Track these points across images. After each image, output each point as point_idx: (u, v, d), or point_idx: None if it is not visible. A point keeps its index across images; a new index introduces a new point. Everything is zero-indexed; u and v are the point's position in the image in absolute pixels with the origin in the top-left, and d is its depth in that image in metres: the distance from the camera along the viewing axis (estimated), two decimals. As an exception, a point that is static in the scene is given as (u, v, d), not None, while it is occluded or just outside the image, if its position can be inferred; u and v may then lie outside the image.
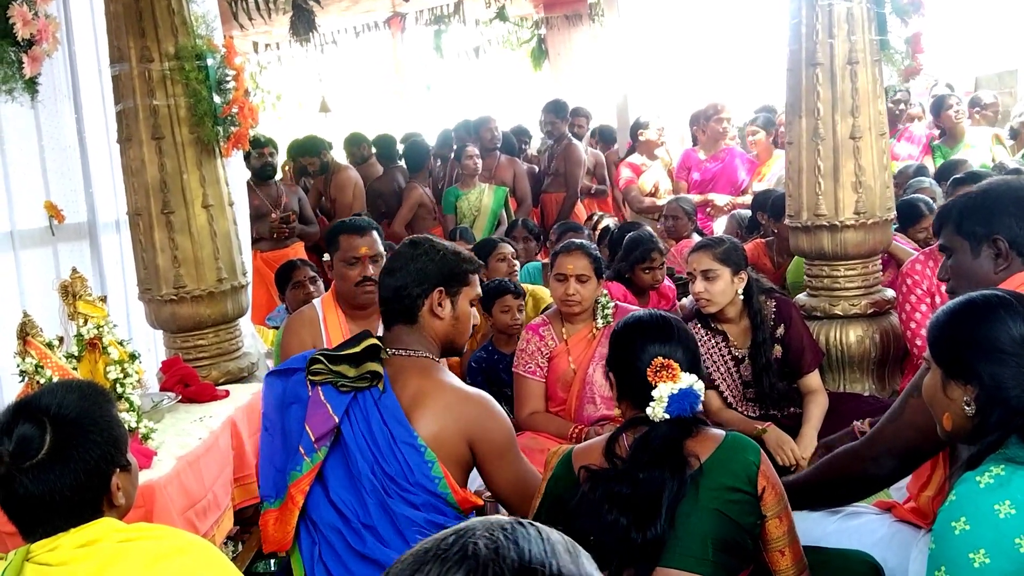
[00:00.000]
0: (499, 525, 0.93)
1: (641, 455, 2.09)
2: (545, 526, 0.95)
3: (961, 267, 2.38)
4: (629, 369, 2.20)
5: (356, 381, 2.38)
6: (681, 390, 2.12)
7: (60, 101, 4.14)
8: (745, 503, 2.06)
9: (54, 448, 1.76)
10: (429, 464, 2.32)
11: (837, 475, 2.49)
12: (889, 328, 4.20)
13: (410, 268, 2.49)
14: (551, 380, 3.78)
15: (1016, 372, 1.73)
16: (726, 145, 7.08)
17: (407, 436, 2.33)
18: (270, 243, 6.44)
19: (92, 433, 1.80)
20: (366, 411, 2.37)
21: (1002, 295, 1.84)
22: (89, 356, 2.85)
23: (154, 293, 3.88)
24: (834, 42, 4.03)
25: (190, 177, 3.83)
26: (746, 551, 2.08)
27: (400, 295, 2.48)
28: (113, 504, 1.84)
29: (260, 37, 10.52)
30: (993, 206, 2.34)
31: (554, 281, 3.78)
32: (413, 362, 2.47)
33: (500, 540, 0.90)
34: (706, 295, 3.66)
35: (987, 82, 10.19)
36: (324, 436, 2.37)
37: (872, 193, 4.09)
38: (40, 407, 1.80)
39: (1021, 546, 1.57)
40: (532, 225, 6.35)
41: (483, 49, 12.13)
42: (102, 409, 1.86)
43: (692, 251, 3.82)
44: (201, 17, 3.91)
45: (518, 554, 0.89)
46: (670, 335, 2.21)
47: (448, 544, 0.90)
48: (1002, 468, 1.64)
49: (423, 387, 2.40)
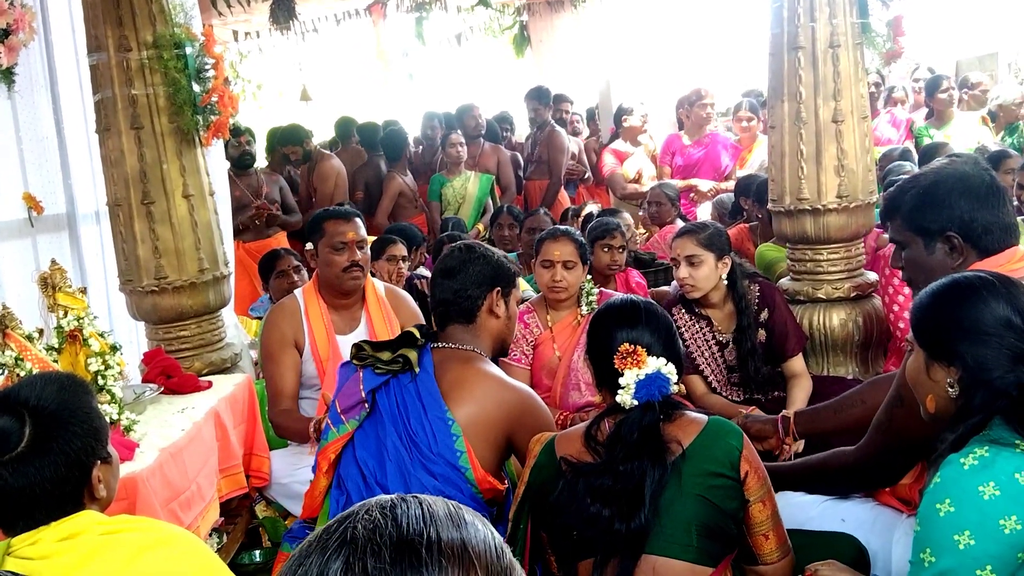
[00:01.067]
0: (379, 504, 0.93)
1: (618, 446, 2.09)
2: (434, 498, 0.95)
3: (916, 261, 2.33)
4: (600, 356, 2.22)
5: (390, 364, 2.51)
6: (648, 375, 2.12)
7: (37, 91, 4.10)
8: (728, 488, 2.06)
9: (34, 441, 1.74)
10: (454, 437, 2.41)
11: (828, 479, 2.50)
12: (872, 311, 4.21)
13: (469, 271, 2.62)
14: (536, 367, 3.79)
15: (999, 353, 1.73)
16: (710, 130, 7.08)
17: (438, 411, 2.44)
18: (253, 233, 6.41)
19: (72, 425, 1.78)
20: (402, 388, 2.51)
21: (985, 276, 1.83)
22: (69, 348, 2.84)
23: (135, 284, 3.85)
24: (816, 25, 4.02)
25: (170, 167, 3.80)
26: (730, 536, 2.08)
27: (460, 296, 2.61)
28: (94, 497, 1.83)
29: (240, 25, 10.42)
30: (943, 199, 2.26)
31: (540, 268, 3.78)
32: (459, 353, 2.59)
33: (378, 519, 0.90)
34: (690, 280, 3.67)
35: (968, 65, 10.22)
36: (351, 408, 2.53)
37: (855, 176, 4.09)
38: (19, 399, 1.78)
39: (1006, 527, 1.58)
40: (517, 212, 6.33)
41: (465, 36, 12.06)
42: (81, 401, 1.84)
43: (676, 236, 3.82)
44: (179, 5, 3.87)
45: (396, 529, 0.89)
46: (636, 319, 2.21)
47: (330, 532, 0.90)
48: (986, 450, 1.64)
49: (464, 373, 2.52)
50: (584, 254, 3.79)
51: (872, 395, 2.64)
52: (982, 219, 2.22)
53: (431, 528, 0.89)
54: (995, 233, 2.23)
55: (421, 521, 0.90)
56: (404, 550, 0.87)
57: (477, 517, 0.95)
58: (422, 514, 0.91)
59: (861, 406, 2.66)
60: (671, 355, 2.18)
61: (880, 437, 2.28)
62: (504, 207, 6.47)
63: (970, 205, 2.24)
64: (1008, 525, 1.58)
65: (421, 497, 0.95)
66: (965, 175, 2.30)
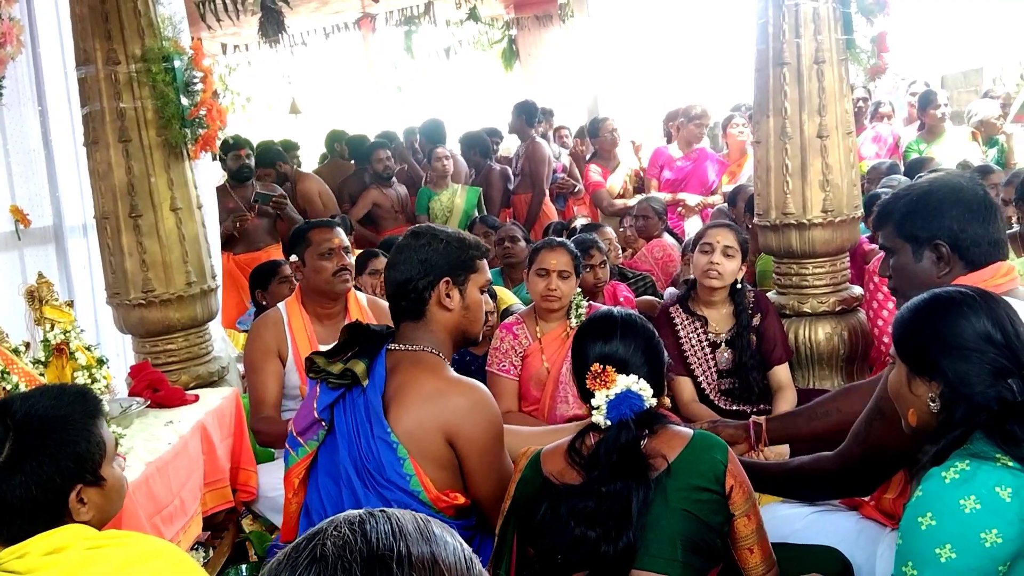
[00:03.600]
0: (348, 520, 0.93)
1: (598, 467, 2.07)
2: (403, 511, 0.95)
3: (903, 269, 2.34)
4: (579, 372, 2.20)
5: (340, 378, 2.35)
6: (618, 395, 2.09)
7: (24, 104, 4.10)
8: (714, 503, 2.06)
9: (10, 457, 1.74)
10: (400, 461, 2.28)
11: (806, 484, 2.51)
12: (857, 325, 4.23)
13: (413, 260, 2.40)
14: (524, 378, 3.80)
15: (980, 368, 1.75)
16: (698, 145, 7.13)
17: (382, 432, 2.29)
18: (243, 245, 6.39)
19: (50, 448, 1.77)
20: (354, 405, 2.36)
21: (965, 291, 1.85)
22: (56, 361, 2.83)
23: (122, 297, 3.84)
24: (801, 42, 4.05)
25: (158, 180, 3.80)
26: (715, 551, 2.08)
27: (405, 289, 2.40)
28: (76, 518, 1.82)
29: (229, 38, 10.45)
30: (935, 209, 2.27)
31: (535, 276, 3.80)
32: (409, 356, 2.40)
33: (347, 535, 0.90)
34: (720, 268, 3.77)
35: (953, 80, 10.32)
36: (307, 430, 2.40)
37: (839, 191, 4.12)
38: (10, 410, 1.78)
39: (986, 541, 1.59)
40: (492, 221, 6.25)
41: (454, 50, 12.10)
42: (74, 421, 1.82)
43: (717, 226, 3.92)
44: (168, 19, 3.88)
45: (365, 545, 0.89)
46: (611, 333, 2.18)
47: (299, 549, 0.91)
48: (967, 463, 1.65)
49: (405, 381, 2.34)
50: (578, 266, 3.83)
51: (847, 403, 2.66)
52: (972, 231, 2.24)
53: (401, 543, 0.90)
54: (983, 247, 2.24)
55: (390, 536, 0.91)
56: (375, 565, 0.87)
57: (446, 530, 0.96)
58: (391, 529, 0.92)
59: (837, 414, 2.68)
60: (651, 366, 2.16)
61: (858, 448, 2.29)
62: (478, 218, 6.44)
63: (961, 216, 2.24)
64: (989, 538, 1.59)
65: (389, 511, 0.95)
66: (959, 187, 2.31)
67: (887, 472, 2.34)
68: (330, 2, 10.02)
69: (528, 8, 11.07)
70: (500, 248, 5.36)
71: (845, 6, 4.11)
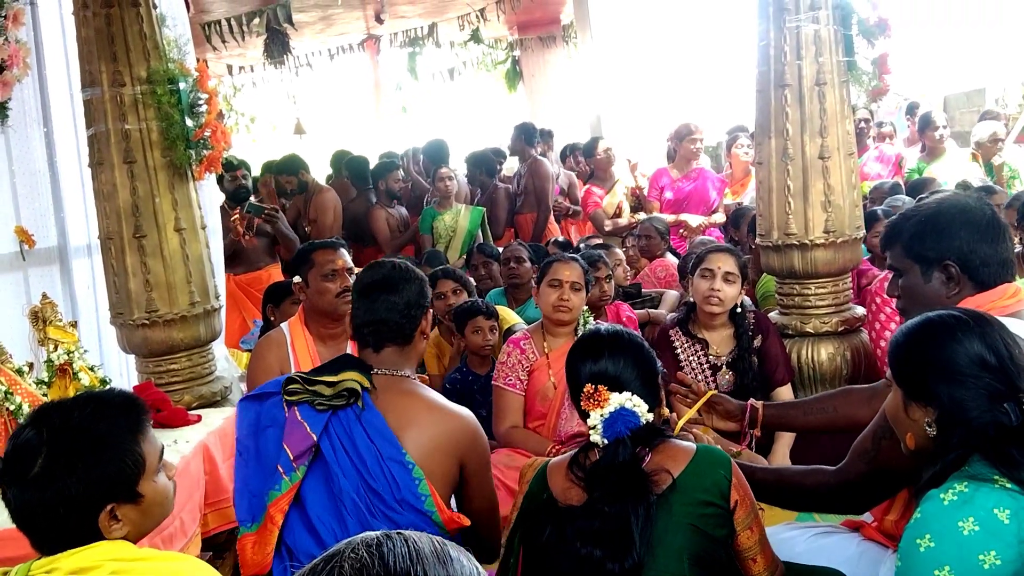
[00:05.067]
0: (365, 542, 0.93)
1: (599, 487, 2.07)
2: (419, 534, 0.96)
3: (912, 289, 2.33)
4: (573, 394, 2.21)
5: (332, 399, 2.35)
6: (611, 413, 2.10)
7: (30, 126, 4.13)
8: (718, 516, 2.06)
9: (39, 475, 1.71)
10: (417, 481, 2.29)
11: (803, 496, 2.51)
12: (860, 345, 4.23)
13: (412, 288, 2.50)
14: (530, 394, 3.79)
15: (975, 393, 1.74)
16: (698, 166, 7.15)
17: (395, 453, 2.30)
18: (244, 266, 6.41)
19: (80, 469, 1.72)
20: (349, 429, 2.34)
21: (958, 315, 1.84)
22: (59, 382, 2.84)
23: (126, 317, 3.86)
24: (802, 63, 4.08)
25: (162, 201, 3.82)
26: (721, 565, 2.08)
27: (405, 315, 2.47)
28: (107, 536, 1.77)
29: (234, 60, 10.52)
30: (944, 229, 2.27)
31: (547, 287, 3.81)
32: (397, 382, 2.45)
33: (365, 558, 0.90)
34: (720, 295, 3.78)
35: (955, 101, 10.34)
36: (303, 454, 2.34)
37: (841, 212, 4.13)
38: (48, 420, 1.75)
39: (985, 562, 1.59)
40: (489, 249, 6.23)
41: (458, 71, 12.17)
42: (112, 437, 1.77)
43: (716, 251, 3.93)
44: (173, 41, 3.92)
45: (383, 567, 0.89)
46: (600, 351, 2.18)
47: (317, 571, 0.91)
48: (965, 485, 1.65)
49: (410, 405, 2.39)
50: (588, 281, 3.87)
51: (844, 404, 2.67)
52: (981, 251, 2.24)
53: (418, 566, 0.90)
54: (992, 267, 2.25)
55: (407, 559, 0.91)
56: None
57: (462, 553, 0.96)
58: (408, 552, 0.92)
59: (832, 413, 2.69)
60: (643, 379, 2.16)
61: (864, 466, 2.28)
62: (475, 246, 6.45)
63: (971, 236, 2.25)
64: (987, 560, 1.58)
65: (406, 534, 0.95)
66: (967, 207, 2.31)
67: (889, 492, 2.33)
68: (335, 24, 10.09)
69: (532, 29, 11.14)
70: (506, 268, 5.36)
71: (846, 28, 4.14)
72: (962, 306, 2.16)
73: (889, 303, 3.82)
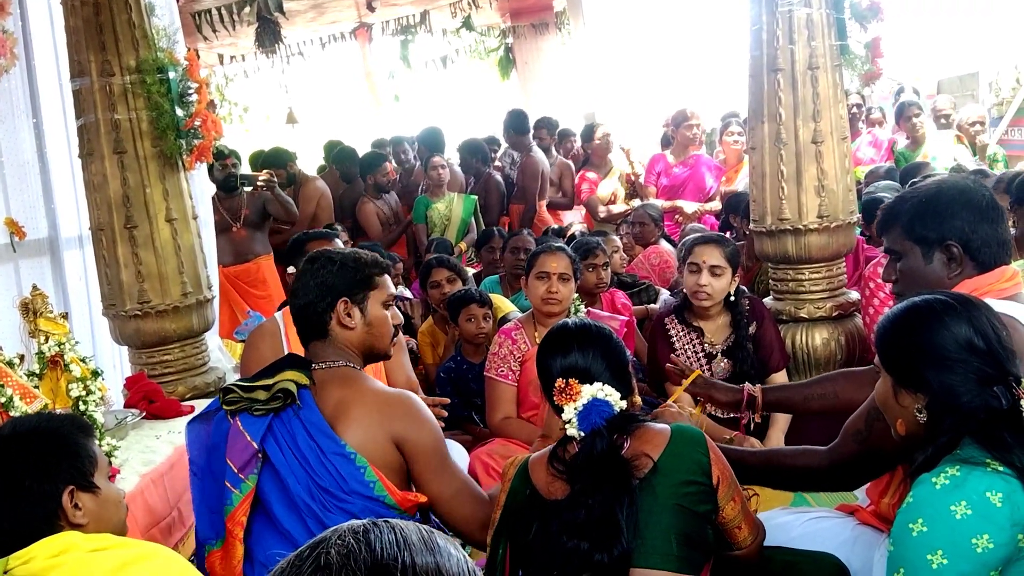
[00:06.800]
0: (352, 529, 0.93)
1: (580, 479, 2.07)
2: (406, 522, 0.95)
3: (912, 272, 2.31)
4: (546, 391, 2.22)
5: (269, 403, 2.35)
6: (585, 405, 2.10)
7: (19, 117, 4.11)
8: (701, 493, 2.07)
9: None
10: (361, 469, 2.30)
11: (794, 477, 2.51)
12: (854, 330, 4.23)
13: (311, 284, 2.47)
14: (523, 384, 3.79)
15: (965, 378, 1.73)
16: (694, 152, 7.13)
17: (334, 447, 2.31)
18: (232, 257, 6.36)
19: (36, 446, 1.87)
20: (291, 429, 2.34)
21: (944, 299, 1.83)
22: (51, 374, 2.83)
23: (118, 308, 3.84)
24: (795, 48, 4.06)
25: (153, 191, 3.81)
26: (707, 543, 2.09)
27: (306, 314, 2.47)
28: (71, 520, 1.88)
29: (225, 49, 10.46)
30: (945, 209, 2.26)
31: (535, 280, 3.79)
32: (334, 373, 2.44)
33: (352, 544, 0.90)
34: (708, 289, 3.76)
35: (949, 85, 10.32)
36: (247, 464, 2.33)
37: (835, 196, 4.12)
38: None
39: (978, 546, 1.58)
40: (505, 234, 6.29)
41: (451, 59, 12.12)
42: (63, 432, 1.92)
43: (702, 243, 3.86)
44: (163, 30, 3.90)
45: (370, 554, 0.89)
46: (568, 346, 2.19)
47: (303, 559, 0.91)
48: (957, 469, 1.64)
49: (344, 396, 2.39)
50: (577, 270, 3.85)
51: (844, 388, 2.66)
52: (981, 232, 2.24)
53: (405, 553, 0.90)
54: (992, 247, 2.24)
55: (395, 546, 0.90)
56: (379, 575, 0.87)
57: (450, 542, 0.96)
58: (395, 539, 0.91)
59: (832, 398, 2.69)
60: (613, 369, 2.17)
61: (856, 447, 2.28)
62: (495, 230, 6.46)
63: (971, 217, 2.24)
64: (980, 544, 1.58)
65: (393, 522, 0.95)
66: (966, 188, 2.31)
67: (881, 470, 2.33)
68: (326, 12, 10.03)
69: (524, 17, 11.09)
70: (513, 257, 5.34)
71: (839, 12, 4.12)
72: (960, 289, 2.15)
73: (883, 287, 3.80)
